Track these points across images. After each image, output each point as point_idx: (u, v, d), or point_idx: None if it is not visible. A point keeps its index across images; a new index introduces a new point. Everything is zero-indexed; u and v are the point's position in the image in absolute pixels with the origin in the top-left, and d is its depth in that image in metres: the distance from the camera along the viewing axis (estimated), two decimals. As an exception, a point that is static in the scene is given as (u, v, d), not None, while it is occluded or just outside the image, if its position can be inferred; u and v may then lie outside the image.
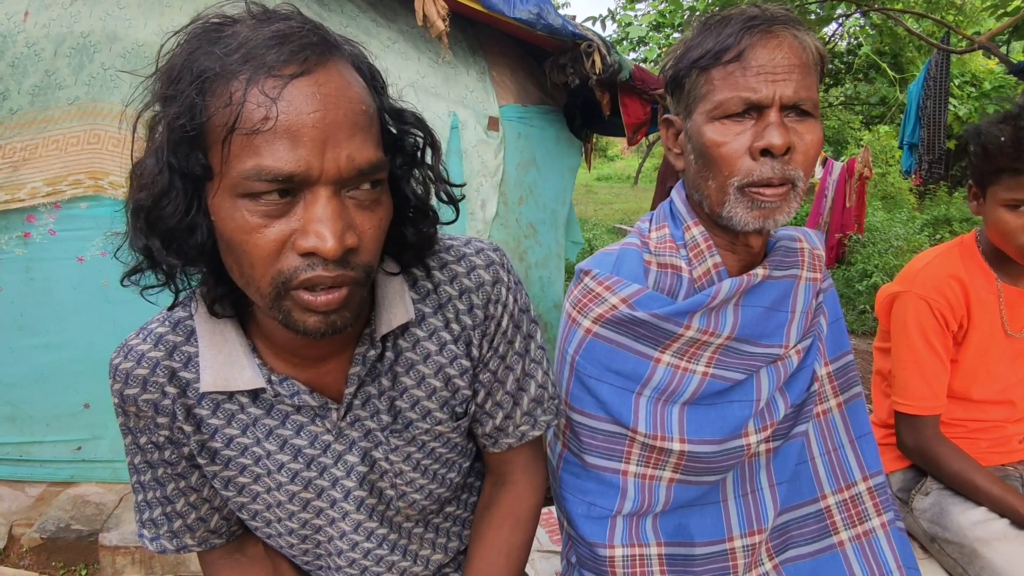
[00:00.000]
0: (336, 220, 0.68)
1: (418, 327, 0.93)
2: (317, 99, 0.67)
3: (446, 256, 0.94)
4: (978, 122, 1.51)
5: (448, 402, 0.96)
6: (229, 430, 0.89)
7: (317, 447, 0.92)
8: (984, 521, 1.46)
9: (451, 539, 1.08)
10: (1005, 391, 1.58)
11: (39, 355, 2.57)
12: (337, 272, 0.70)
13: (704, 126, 1.00)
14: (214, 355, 0.85)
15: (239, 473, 0.92)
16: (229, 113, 0.66)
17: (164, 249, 0.73)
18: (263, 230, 0.69)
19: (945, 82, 6.50)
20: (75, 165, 2.43)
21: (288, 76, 0.66)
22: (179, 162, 0.69)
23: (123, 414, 0.88)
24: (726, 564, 1.13)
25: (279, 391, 0.87)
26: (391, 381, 0.93)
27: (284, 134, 0.66)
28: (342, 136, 0.68)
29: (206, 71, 0.67)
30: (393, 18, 2.79)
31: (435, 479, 1.00)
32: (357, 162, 0.69)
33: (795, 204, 1.00)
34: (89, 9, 2.39)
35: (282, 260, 0.70)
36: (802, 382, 1.14)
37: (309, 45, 0.68)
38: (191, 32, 0.71)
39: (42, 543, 2.43)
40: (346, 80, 0.71)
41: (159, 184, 0.70)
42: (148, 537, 0.95)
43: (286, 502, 0.94)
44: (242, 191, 0.68)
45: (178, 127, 0.67)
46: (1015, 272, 1.53)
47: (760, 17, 0.97)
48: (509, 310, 0.97)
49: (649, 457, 1.10)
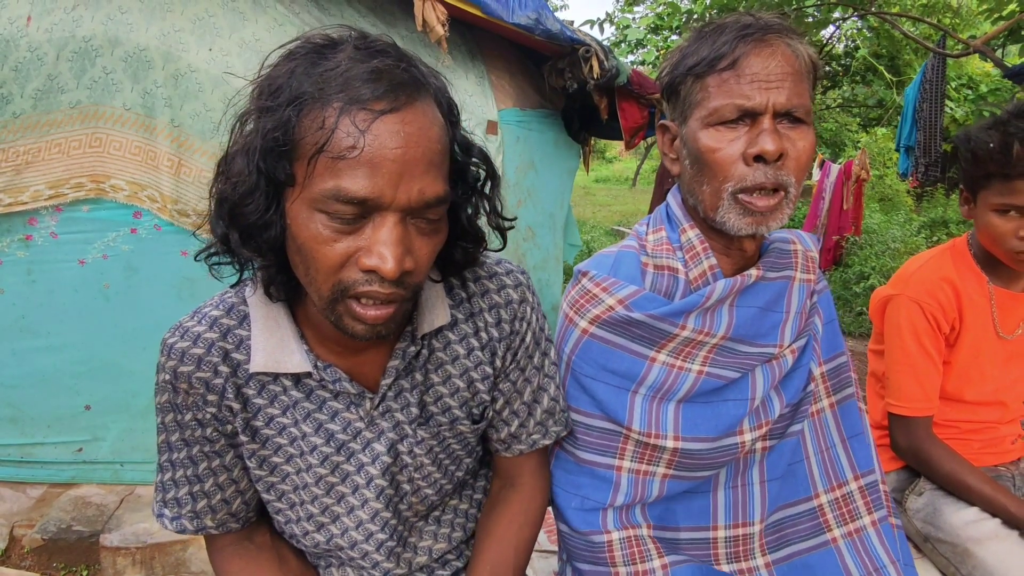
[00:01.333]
0: (398, 245, 0.76)
1: (451, 331, 1.01)
2: (401, 136, 0.74)
3: (480, 271, 1.04)
4: (968, 127, 1.53)
5: (467, 403, 1.04)
6: (271, 410, 0.96)
7: (349, 433, 0.98)
8: (976, 521, 1.47)
9: (455, 529, 1.13)
10: (997, 392, 1.60)
11: (40, 357, 2.57)
12: (391, 290, 0.79)
13: (699, 132, 1.02)
14: (267, 338, 0.91)
15: (274, 452, 0.98)
16: (320, 136, 0.73)
17: (241, 241, 0.82)
18: (333, 243, 0.77)
19: (941, 85, 6.52)
20: (77, 168, 2.44)
21: (378, 112, 0.73)
22: (268, 168, 0.77)
23: (172, 391, 0.92)
24: (707, 552, 1.15)
25: (323, 376, 0.94)
26: (423, 377, 1.00)
27: (367, 163, 0.73)
28: (417, 171, 0.76)
29: (304, 93, 0.74)
30: (392, 23, 2.81)
31: (445, 474, 1.07)
32: (427, 196, 0.77)
33: (787, 211, 1.02)
34: (91, 13, 2.40)
35: (344, 271, 0.78)
36: (798, 381, 1.16)
37: (401, 84, 0.76)
38: (295, 50, 0.79)
39: (43, 544, 2.44)
40: (428, 120, 0.78)
41: (247, 183, 0.78)
42: (169, 516, 0.99)
43: (312, 484, 0.99)
44: (320, 206, 0.75)
45: (272, 138, 0.75)
46: (1006, 275, 1.55)
47: (754, 26, 0.99)
48: (532, 328, 1.06)
49: (643, 453, 1.12)
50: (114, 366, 2.59)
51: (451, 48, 2.77)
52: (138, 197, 2.49)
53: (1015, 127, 1.38)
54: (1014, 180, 1.39)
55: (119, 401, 2.63)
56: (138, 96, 2.43)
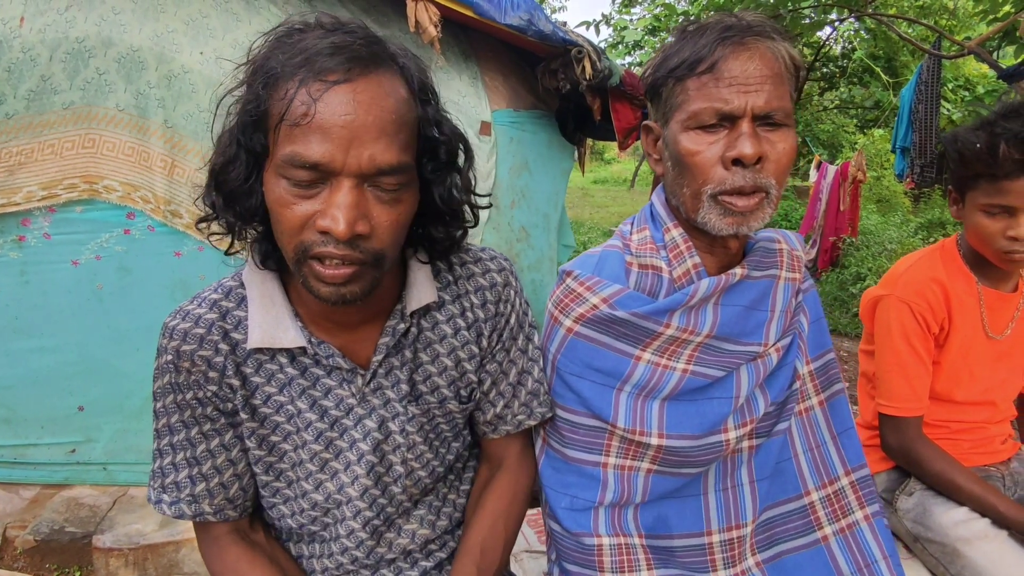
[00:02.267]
0: (351, 208, 0.81)
1: (438, 311, 1.06)
2: (351, 104, 0.79)
3: (465, 256, 1.09)
4: (957, 128, 1.53)
5: (455, 382, 1.08)
6: (268, 388, 1.00)
7: (341, 409, 1.02)
8: (966, 521, 1.48)
9: (440, 518, 1.14)
10: (987, 392, 1.61)
11: (33, 358, 2.58)
12: (345, 252, 0.82)
13: (679, 135, 1.03)
14: (263, 315, 0.96)
15: (272, 431, 1.02)
16: (282, 106, 0.80)
17: (224, 206, 0.90)
18: (293, 206, 0.82)
19: (936, 87, 6.53)
20: (70, 169, 2.44)
21: (331, 82, 0.79)
22: (245, 139, 0.85)
23: (174, 370, 0.96)
24: (704, 559, 1.15)
25: (317, 352, 0.98)
26: (412, 354, 1.04)
27: (317, 129, 0.79)
28: (368, 138, 0.80)
29: (273, 69, 0.82)
30: (386, 23, 2.81)
31: (436, 455, 1.10)
32: (378, 162, 0.81)
33: (769, 211, 1.02)
34: (84, 14, 2.40)
35: (304, 233, 0.83)
36: (783, 380, 1.16)
37: (358, 58, 0.81)
38: (275, 34, 0.86)
39: (36, 545, 2.44)
40: (384, 90, 0.82)
41: (228, 154, 0.87)
42: (168, 501, 1.01)
43: (307, 460, 1.03)
44: (282, 171, 0.82)
45: (247, 111, 0.84)
46: (995, 275, 1.56)
47: (735, 27, 0.99)
48: (516, 310, 1.11)
49: (628, 449, 1.12)
50: (107, 367, 2.59)
51: (445, 49, 2.77)
52: (131, 198, 2.49)
53: (1002, 128, 1.38)
54: (1001, 180, 1.39)
55: (112, 402, 2.63)
56: (131, 97, 2.44)
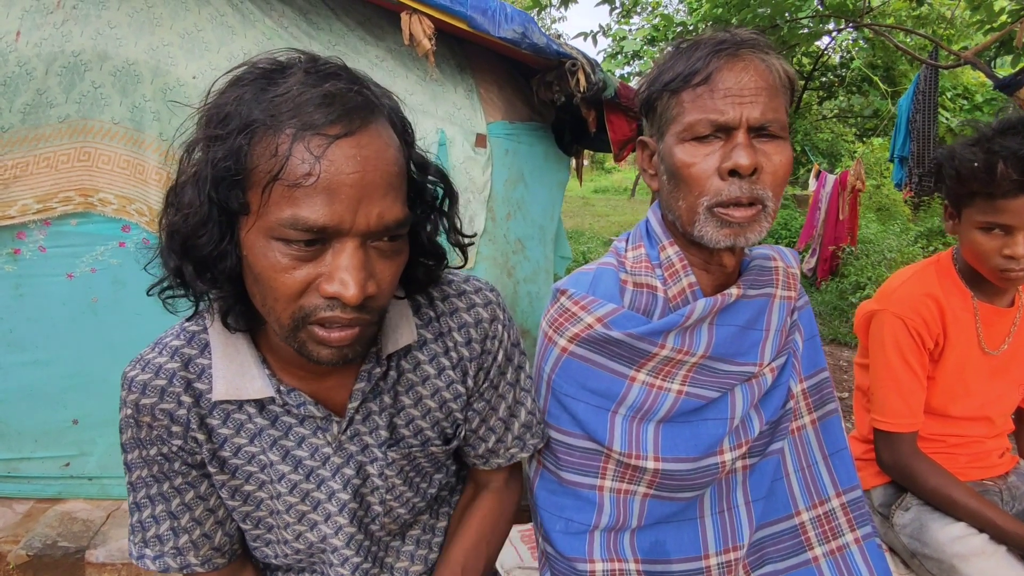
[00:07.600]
0: (360, 270, 0.74)
1: (420, 351, 0.99)
2: (357, 160, 0.72)
3: (447, 289, 1.02)
4: (952, 144, 1.52)
5: (440, 423, 1.03)
6: (238, 439, 0.93)
7: (317, 459, 0.95)
8: (963, 537, 1.46)
9: (432, 550, 1.12)
10: (983, 407, 1.59)
11: (28, 371, 2.56)
12: (354, 315, 0.77)
13: (675, 147, 1.02)
14: (227, 365, 0.89)
15: (245, 481, 0.95)
16: (274, 164, 0.71)
17: (196, 274, 0.79)
18: (292, 271, 0.75)
19: (934, 96, 6.55)
20: (65, 182, 2.44)
21: (333, 136, 0.71)
22: (220, 197, 0.74)
23: (135, 425, 0.90)
24: None
25: (287, 400, 0.91)
26: (392, 399, 0.98)
27: (324, 190, 0.71)
28: (376, 195, 0.74)
29: (255, 120, 0.72)
30: (381, 36, 2.81)
31: (416, 492, 1.06)
32: (386, 219, 0.75)
33: (766, 224, 1.02)
34: (80, 28, 2.41)
35: (305, 298, 0.76)
36: (777, 399, 1.15)
37: (354, 108, 0.74)
38: (242, 76, 0.76)
39: (29, 560, 2.42)
40: (384, 142, 0.76)
41: (199, 214, 0.75)
42: (151, 556, 0.95)
43: (284, 512, 0.97)
44: (277, 235, 0.73)
45: (223, 167, 0.73)
46: (990, 291, 1.55)
47: (729, 41, 1.00)
48: (504, 345, 1.05)
49: (624, 473, 1.11)
50: (102, 380, 2.58)
51: (440, 61, 2.77)
52: (126, 211, 2.48)
53: (999, 145, 1.36)
54: (998, 199, 1.37)
55: (107, 415, 2.61)
56: (127, 110, 2.44)
